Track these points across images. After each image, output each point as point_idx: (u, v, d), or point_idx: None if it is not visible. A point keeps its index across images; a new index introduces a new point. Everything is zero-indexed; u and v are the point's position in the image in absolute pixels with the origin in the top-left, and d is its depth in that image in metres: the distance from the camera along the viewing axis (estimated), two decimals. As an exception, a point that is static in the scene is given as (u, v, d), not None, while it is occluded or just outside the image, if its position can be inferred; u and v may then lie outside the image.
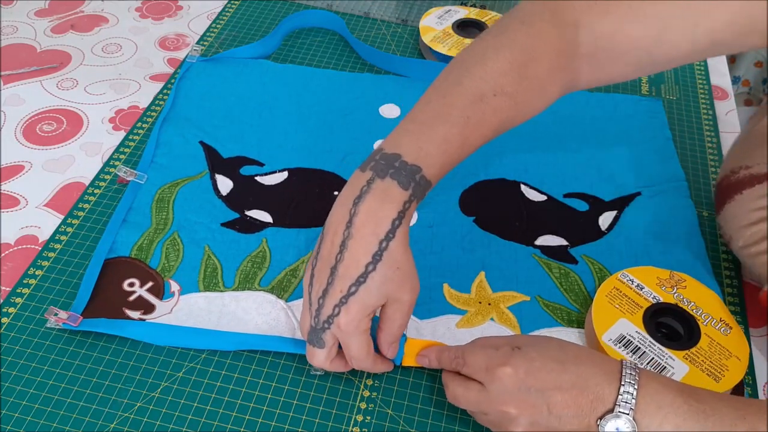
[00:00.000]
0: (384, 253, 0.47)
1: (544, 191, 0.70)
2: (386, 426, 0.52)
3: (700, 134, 0.79)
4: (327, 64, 0.84)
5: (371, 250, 0.47)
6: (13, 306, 0.57)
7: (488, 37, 0.55)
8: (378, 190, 0.48)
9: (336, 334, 0.49)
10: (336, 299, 0.47)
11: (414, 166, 0.49)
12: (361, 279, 0.47)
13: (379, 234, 0.47)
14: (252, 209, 0.67)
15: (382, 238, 0.47)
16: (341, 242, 0.48)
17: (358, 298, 0.47)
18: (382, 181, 0.48)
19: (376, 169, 0.49)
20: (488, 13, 0.89)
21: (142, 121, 0.75)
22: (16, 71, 0.81)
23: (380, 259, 0.47)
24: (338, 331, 0.48)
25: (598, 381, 0.45)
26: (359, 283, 0.47)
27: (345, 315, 0.47)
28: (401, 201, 0.48)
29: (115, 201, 0.66)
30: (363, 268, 0.47)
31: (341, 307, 0.47)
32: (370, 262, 0.47)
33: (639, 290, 0.58)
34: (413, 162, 0.49)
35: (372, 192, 0.48)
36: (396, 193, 0.48)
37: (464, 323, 0.58)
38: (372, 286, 0.47)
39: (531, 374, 0.46)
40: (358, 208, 0.48)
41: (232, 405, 0.53)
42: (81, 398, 0.52)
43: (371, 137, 0.75)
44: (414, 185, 0.48)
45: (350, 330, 0.48)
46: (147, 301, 0.58)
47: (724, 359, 0.54)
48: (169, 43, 0.87)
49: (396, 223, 0.47)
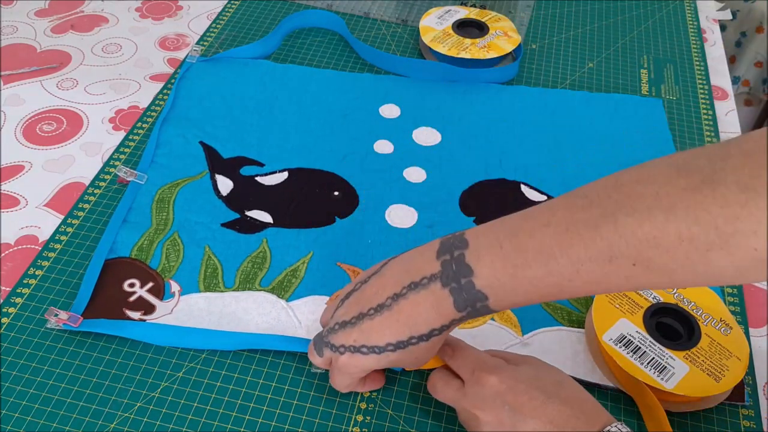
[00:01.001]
0: (409, 347, 0.46)
1: (544, 191, 0.70)
2: (386, 426, 0.52)
3: (700, 134, 0.79)
4: (327, 64, 0.84)
5: (399, 337, 0.45)
6: (13, 306, 0.57)
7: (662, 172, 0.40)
8: (434, 294, 0.44)
9: (332, 362, 0.50)
10: (348, 342, 0.47)
11: (480, 293, 0.42)
12: (377, 350, 0.46)
13: (413, 332, 0.45)
14: (252, 209, 0.67)
15: (415, 336, 0.45)
16: (380, 303, 0.46)
17: (363, 359, 0.47)
18: (442, 289, 0.43)
19: (444, 269, 0.44)
20: (488, 13, 0.89)
21: (142, 121, 0.75)
22: (16, 71, 0.81)
23: (403, 348, 0.46)
24: (335, 363, 0.49)
25: (579, 426, 0.44)
26: (373, 351, 0.46)
27: (346, 359, 0.48)
28: (450, 318, 0.44)
29: (115, 201, 0.66)
30: (383, 344, 0.46)
31: (348, 351, 0.47)
32: (392, 344, 0.46)
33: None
34: (482, 288, 0.42)
35: (428, 291, 0.44)
36: (448, 310, 0.44)
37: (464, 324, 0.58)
38: (382, 359, 0.47)
39: (512, 392, 0.46)
40: (409, 296, 0.45)
41: (232, 405, 0.53)
42: (81, 398, 0.52)
43: (371, 137, 0.75)
44: (470, 310, 0.44)
45: (341, 370, 0.49)
46: (147, 302, 0.58)
47: (725, 359, 0.54)
48: (169, 43, 0.87)
49: (434, 333, 0.45)
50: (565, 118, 0.79)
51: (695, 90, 0.84)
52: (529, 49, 0.89)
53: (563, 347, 0.57)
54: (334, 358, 0.49)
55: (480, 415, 0.46)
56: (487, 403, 0.46)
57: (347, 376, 0.49)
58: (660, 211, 0.37)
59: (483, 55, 0.82)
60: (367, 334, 0.46)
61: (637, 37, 0.92)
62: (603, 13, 0.97)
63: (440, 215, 0.67)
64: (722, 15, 1.00)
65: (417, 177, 0.71)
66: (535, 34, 0.92)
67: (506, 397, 0.46)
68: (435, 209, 0.68)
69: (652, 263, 0.38)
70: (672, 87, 0.84)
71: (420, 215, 0.67)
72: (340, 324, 0.48)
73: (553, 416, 0.44)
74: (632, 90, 0.84)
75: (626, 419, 0.53)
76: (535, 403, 0.45)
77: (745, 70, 1.70)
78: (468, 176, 0.71)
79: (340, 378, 0.50)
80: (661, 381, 0.52)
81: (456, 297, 0.43)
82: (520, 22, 0.93)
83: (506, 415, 0.45)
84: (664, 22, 0.95)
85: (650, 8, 0.98)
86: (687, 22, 0.96)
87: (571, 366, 0.56)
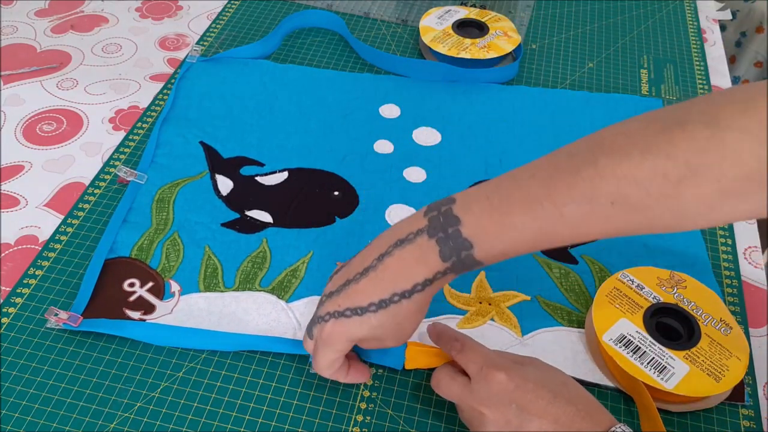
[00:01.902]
0: (392, 305, 0.46)
1: (544, 191, 0.70)
2: (386, 426, 0.52)
3: (700, 134, 0.79)
4: (327, 64, 0.84)
5: (381, 295, 0.46)
6: (13, 306, 0.57)
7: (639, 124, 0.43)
8: (420, 248, 0.45)
9: (316, 337, 0.50)
10: (332, 308, 0.47)
11: (466, 241, 0.44)
12: (359, 311, 0.46)
13: (396, 288, 0.45)
14: (252, 209, 0.67)
15: (397, 293, 0.45)
16: (366, 267, 0.47)
17: (346, 323, 0.47)
18: (428, 240, 0.45)
19: (431, 223, 0.45)
20: (488, 13, 0.89)
21: (142, 121, 0.75)
22: (16, 71, 0.81)
23: (386, 307, 0.46)
24: (318, 334, 0.49)
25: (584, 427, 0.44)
26: (356, 313, 0.46)
27: (330, 327, 0.47)
28: (434, 270, 0.45)
29: (115, 201, 0.66)
30: (366, 304, 0.46)
31: (332, 318, 0.47)
32: (374, 303, 0.46)
33: (639, 290, 0.58)
34: (468, 236, 0.44)
35: (413, 245, 0.45)
36: (433, 261, 0.45)
37: (464, 323, 0.58)
38: (364, 323, 0.46)
39: (520, 390, 0.46)
40: (394, 252, 0.46)
41: (232, 405, 0.53)
42: (81, 398, 0.52)
43: (371, 137, 0.75)
44: (455, 260, 0.44)
45: (327, 340, 0.48)
46: (147, 302, 0.58)
47: (725, 359, 0.54)
48: (169, 43, 0.87)
49: (417, 288, 0.45)
50: (565, 118, 0.79)
51: (695, 90, 0.84)
52: (529, 49, 0.89)
53: (563, 347, 0.57)
54: (319, 329, 0.48)
55: (486, 413, 0.46)
56: (494, 400, 0.46)
57: (330, 349, 0.48)
58: (637, 151, 0.40)
59: (483, 55, 0.82)
60: (351, 297, 0.46)
61: (637, 37, 0.92)
62: (603, 13, 0.97)
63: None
64: (722, 15, 1.00)
65: (417, 177, 0.71)
66: (535, 34, 0.92)
67: (514, 395, 0.45)
68: (435, 209, 0.68)
69: (629, 200, 0.41)
70: (672, 87, 0.84)
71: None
72: (327, 296, 0.49)
73: (559, 416, 0.45)
74: (632, 90, 0.84)
75: (626, 419, 0.53)
76: (542, 403, 0.45)
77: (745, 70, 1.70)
78: (468, 176, 0.71)
79: (323, 353, 0.48)
80: (661, 381, 0.52)
81: (442, 246, 0.44)
82: (520, 22, 0.93)
83: (513, 413, 0.45)
84: (664, 22, 0.95)
85: (650, 8, 0.98)
86: (687, 22, 0.96)
87: (571, 366, 0.56)
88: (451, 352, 0.50)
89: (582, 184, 0.41)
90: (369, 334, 0.47)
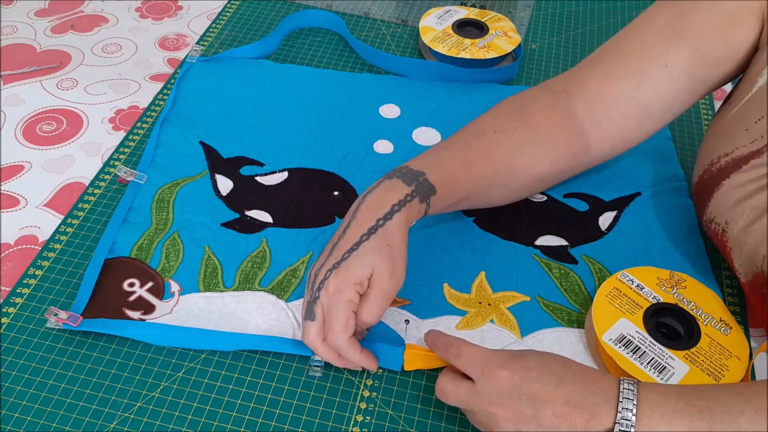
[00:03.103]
0: (379, 229, 0.52)
1: (544, 191, 0.70)
2: (386, 426, 0.52)
3: (700, 134, 0.79)
4: (327, 64, 0.84)
5: (369, 226, 0.53)
6: (13, 306, 0.57)
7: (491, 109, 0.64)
8: (385, 185, 0.55)
9: (322, 302, 0.51)
10: (330, 266, 0.52)
11: (418, 171, 0.56)
12: (354, 247, 0.52)
13: (378, 215, 0.53)
14: (252, 209, 0.67)
15: (380, 217, 0.53)
16: (346, 225, 0.54)
17: (347, 263, 0.51)
18: (390, 180, 0.55)
19: (386, 176, 0.56)
20: (488, 13, 0.89)
21: (142, 121, 0.75)
22: (16, 71, 0.81)
23: (374, 232, 0.52)
24: (325, 297, 0.51)
25: (595, 400, 0.44)
26: (352, 250, 0.52)
27: (333, 279, 0.51)
28: (403, 193, 0.54)
29: (115, 201, 0.66)
30: (358, 239, 0.52)
31: (331, 273, 0.51)
32: (365, 233, 0.52)
33: (639, 290, 0.58)
34: (417, 168, 0.56)
35: (380, 187, 0.55)
36: (400, 187, 0.55)
37: (464, 325, 0.58)
38: (362, 252, 0.51)
39: (525, 381, 0.46)
40: (366, 198, 0.55)
41: (232, 405, 0.53)
42: (81, 398, 0.52)
43: (371, 137, 0.75)
44: (416, 184, 0.55)
45: (335, 295, 0.51)
46: (147, 302, 0.58)
47: (724, 359, 0.54)
48: (169, 43, 0.87)
49: (395, 208, 0.53)
50: (565, 118, 0.78)
51: (695, 90, 0.84)
52: (529, 49, 0.89)
53: (563, 347, 0.57)
54: (323, 296, 0.51)
55: (498, 412, 0.46)
56: (504, 398, 0.46)
57: (341, 304, 0.50)
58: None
59: (483, 55, 0.82)
60: (342, 247, 0.52)
61: (637, 37, 0.92)
62: (603, 13, 0.97)
63: (440, 215, 0.67)
64: (722, 15, 1.00)
65: (417, 177, 0.71)
66: (535, 34, 0.92)
67: (521, 387, 0.46)
68: (435, 209, 0.68)
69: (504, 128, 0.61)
70: (672, 87, 0.84)
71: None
72: (318, 269, 0.53)
73: (569, 396, 0.45)
74: (632, 90, 0.84)
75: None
76: (550, 388, 0.45)
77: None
78: (468, 176, 0.71)
79: (336, 314, 0.50)
80: (661, 381, 0.52)
81: (402, 177, 0.55)
82: (520, 22, 0.93)
83: (525, 405, 0.45)
84: (664, 22, 0.95)
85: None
86: (687, 22, 0.96)
87: (571, 366, 0.56)
88: (448, 358, 0.50)
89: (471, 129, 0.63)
90: (367, 262, 0.51)
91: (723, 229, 0.57)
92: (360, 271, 0.51)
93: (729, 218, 0.56)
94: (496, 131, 0.61)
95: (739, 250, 0.56)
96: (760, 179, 0.54)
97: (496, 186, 0.61)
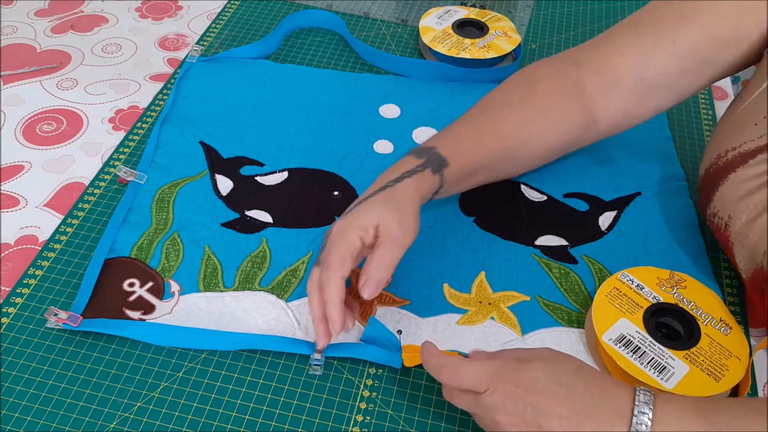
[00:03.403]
0: (388, 189, 0.55)
1: (544, 191, 0.70)
2: (386, 426, 0.52)
3: (700, 134, 0.79)
4: (327, 64, 0.84)
5: (378, 187, 0.56)
6: (13, 306, 0.57)
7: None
8: (397, 163, 0.58)
9: (325, 244, 0.54)
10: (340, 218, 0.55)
11: (429, 147, 0.59)
12: (362, 200, 0.55)
13: (388, 179, 0.56)
14: (252, 209, 0.67)
15: (391, 180, 0.56)
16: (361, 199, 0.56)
17: (354, 212, 0.54)
18: (402, 159, 0.59)
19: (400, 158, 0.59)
20: (488, 13, 0.89)
21: (142, 121, 0.75)
22: (16, 71, 0.81)
23: (382, 190, 0.55)
24: (328, 239, 0.54)
25: (608, 414, 0.43)
26: (360, 202, 0.55)
27: (338, 223, 0.54)
28: (414, 164, 0.57)
29: (115, 201, 0.66)
30: (368, 195, 0.55)
31: (340, 218, 0.54)
32: (375, 191, 0.55)
33: (639, 290, 0.58)
34: (428, 145, 0.60)
35: (393, 165, 0.58)
36: (410, 161, 0.58)
37: (465, 321, 0.58)
38: (370, 203, 0.54)
39: (531, 393, 0.45)
40: (379, 175, 0.58)
41: (232, 405, 0.53)
42: (81, 398, 0.52)
43: (371, 137, 0.75)
44: (427, 157, 0.58)
45: (336, 235, 0.53)
46: (147, 302, 0.58)
47: (724, 359, 0.54)
48: (169, 43, 0.87)
49: (405, 175, 0.56)
50: (565, 118, 0.78)
51: (695, 90, 0.84)
52: (529, 49, 0.89)
53: (563, 347, 0.57)
54: (326, 239, 0.54)
55: (503, 420, 0.45)
56: (508, 408, 0.45)
57: (342, 240, 0.52)
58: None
59: (483, 55, 0.82)
60: (358, 200, 0.56)
61: (637, 37, 0.92)
62: (603, 13, 0.97)
63: (440, 215, 0.67)
64: (722, 15, 1.00)
65: (417, 177, 0.71)
66: (535, 34, 0.92)
67: (526, 399, 0.44)
68: (435, 209, 0.68)
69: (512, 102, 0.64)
70: (672, 87, 0.84)
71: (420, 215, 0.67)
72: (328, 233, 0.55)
73: (578, 407, 0.44)
74: (632, 90, 0.84)
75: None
76: (557, 399, 0.44)
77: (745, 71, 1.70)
78: (468, 176, 0.71)
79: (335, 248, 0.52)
80: (661, 381, 0.52)
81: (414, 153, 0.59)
82: (520, 22, 0.93)
83: (530, 415, 0.44)
84: (664, 22, 0.95)
85: (650, 8, 0.98)
86: (687, 22, 0.96)
87: (571, 366, 0.56)
88: (443, 379, 0.48)
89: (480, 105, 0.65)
90: (374, 211, 0.53)
91: (726, 224, 0.57)
92: (365, 218, 0.53)
93: (732, 213, 0.56)
94: (504, 105, 0.63)
95: (741, 246, 0.56)
96: (764, 175, 0.54)
97: (507, 158, 0.63)
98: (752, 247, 0.55)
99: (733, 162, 0.56)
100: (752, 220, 0.54)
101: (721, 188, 0.57)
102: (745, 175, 0.55)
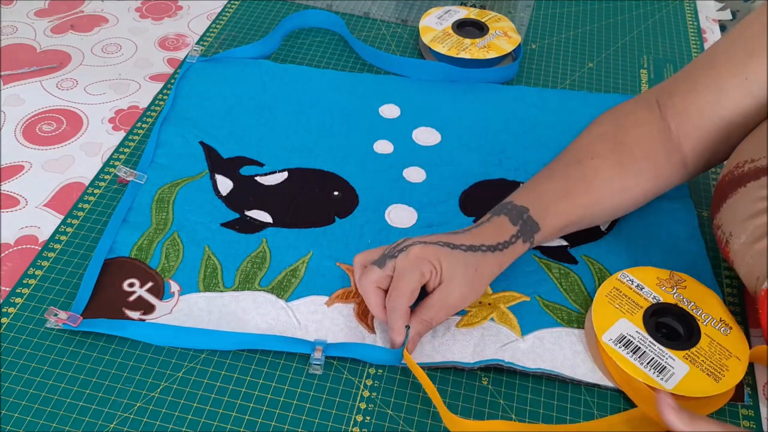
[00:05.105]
0: (479, 252, 0.56)
1: (544, 191, 0.70)
2: (386, 426, 0.52)
3: (700, 134, 0.79)
4: (327, 64, 0.84)
5: (473, 242, 0.56)
6: (13, 306, 0.57)
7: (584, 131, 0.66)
8: (493, 219, 0.59)
9: (398, 262, 0.54)
10: (419, 240, 0.55)
11: (521, 208, 0.59)
12: (451, 246, 0.55)
13: (484, 241, 0.57)
14: (252, 209, 0.67)
15: (485, 245, 0.56)
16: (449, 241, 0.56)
17: (436, 248, 0.54)
18: (498, 217, 0.59)
19: (493, 211, 0.60)
20: (488, 13, 0.89)
21: (142, 121, 0.75)
22: (16, 71, 0.81)
23: (474, 252, 0.56)
24: (403, 259, 0.54)
25: None
26: (447, 246, 0.55)
27: (418, 250, 0.54)
28: (509, 234, 0.58)
29: (115, 201, 0.66)
30: (458, 243, 0.55)
31: (419, 244, 0.54)
32: (465, 245, 0.55)
33: (639, 290, 0.58)
34: (520, 203, 0.60)
35: (491, 223, 0.59)
36: (506, 226, 0.58)
37: (464, 323, 0.58)
38: (453, 254, 0.54)
39: None
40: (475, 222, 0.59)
41: (232, 405, 0.53)
42: (81, 398, 0.52)
43: (371, 137, 0.75)
44: (521, 223, 0.58)
45: (414, 260, 0.53)
46: (147, 302, 0.58)
47: (724, 359, 0.54)
48: (169, 43, 0.87)
49: (499, 246, 0.57)
50: (565, 117, 0.79)
51: (695, 90, 0.84)
52: (529, 49, 0.89)
53: (563, 347, 0.57)
54: (401, 258, 0.54)
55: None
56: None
57: (416, 271, 0.53)
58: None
59: (483, 55, 0.82)
60: (442, 237, 0.56)
61: (637, 37, 0.92)
62: (603, 13, 0.97)
63: (440, 215, 0.67)
64: (722, 15, 1.00)
65: (417, 177, 0.71)
66: (535, 34, 0.92)
67: None
68: (435, 209, 0.68)
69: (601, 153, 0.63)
70: (672, 87, 0.84)
71: (420, 215, 0.67)
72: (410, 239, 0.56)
73: None
74: (632, 90, 0.84)
75: (626, 419, 0.53)
76: None
77: None
78: (468, 176, 0.71)
79: (407, 279, 0.53)
80: (660, 381, 0.52)
81: (509, 215, 0.59)
82: (520, 22, 0.93)
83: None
84: (664, 22, 0.95)
85: (650, 8, 0.98)
86: (687, 22, 0.96)
87: (571, 366, 0.56)
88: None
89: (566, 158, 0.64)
90: (450, 268, 0.54)
91: (727, 240, 0.56)
92: (447, 260, 0.54)
93: (734, 231, 0.55)
94: (593, 157, 0.62)
95: (739, 264, 0.55)
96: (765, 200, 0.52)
97: (597, 212, 0.62)
98: (747, 270, 0.53)
99: (747, 175, 0.55)
100: (751, 242, 0.53)
101: (729, 201, 0.56)
102: (753, 195, 0.54)
